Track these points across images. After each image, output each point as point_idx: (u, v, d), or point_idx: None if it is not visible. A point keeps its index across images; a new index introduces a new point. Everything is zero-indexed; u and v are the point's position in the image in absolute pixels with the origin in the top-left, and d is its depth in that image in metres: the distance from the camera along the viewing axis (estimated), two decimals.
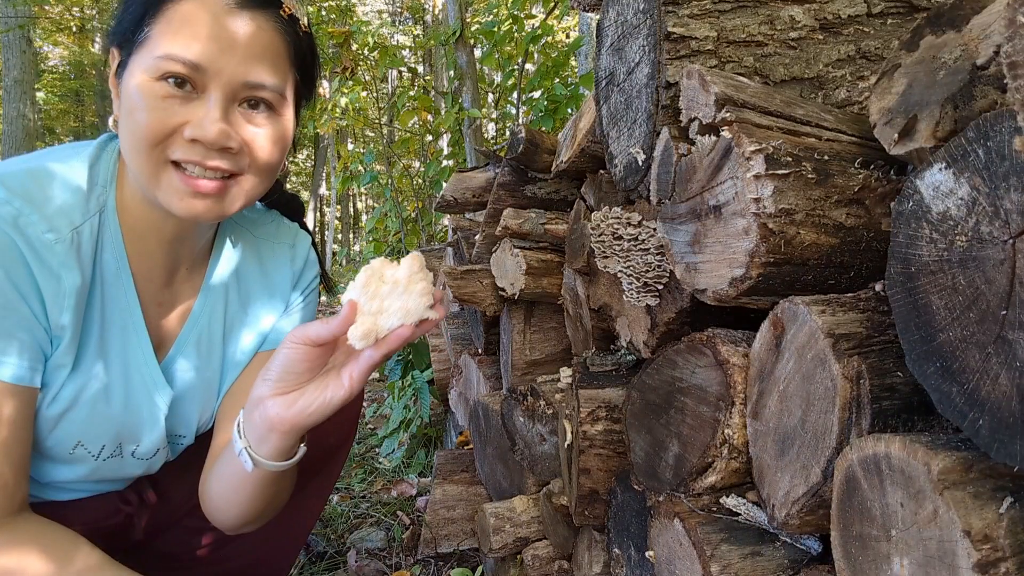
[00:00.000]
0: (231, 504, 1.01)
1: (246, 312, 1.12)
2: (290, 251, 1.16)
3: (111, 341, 0.98)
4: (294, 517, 1.34)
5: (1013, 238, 0.50)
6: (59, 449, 0.99)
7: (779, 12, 0.97)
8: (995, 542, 0.49)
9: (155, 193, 0.89)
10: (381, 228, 4.21)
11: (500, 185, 1.69)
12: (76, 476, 1.06)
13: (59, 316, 0.90)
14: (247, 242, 1.13)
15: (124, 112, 0.88)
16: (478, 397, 1.84)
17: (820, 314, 0.68)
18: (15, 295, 0.86)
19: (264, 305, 1.13)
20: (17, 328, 0.86)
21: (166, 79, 0.85)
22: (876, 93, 0.71)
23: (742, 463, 0.83)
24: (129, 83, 0.87)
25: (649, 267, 1.00)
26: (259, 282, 1.13)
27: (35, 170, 0.91)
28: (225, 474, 0.99)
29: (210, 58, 0.85)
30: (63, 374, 0.94)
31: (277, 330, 1.15)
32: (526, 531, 1.52)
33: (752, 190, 0.72)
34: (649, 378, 0.99)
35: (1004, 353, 0.50)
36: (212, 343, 1.09)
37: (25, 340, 0.88)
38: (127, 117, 0.87)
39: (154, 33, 0.86)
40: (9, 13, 9.58)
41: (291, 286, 1.16)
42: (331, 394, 0.85)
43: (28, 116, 10.02)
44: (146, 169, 0.88)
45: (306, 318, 1.18)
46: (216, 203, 0.90)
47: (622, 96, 1.07)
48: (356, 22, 4.26)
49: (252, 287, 1.13)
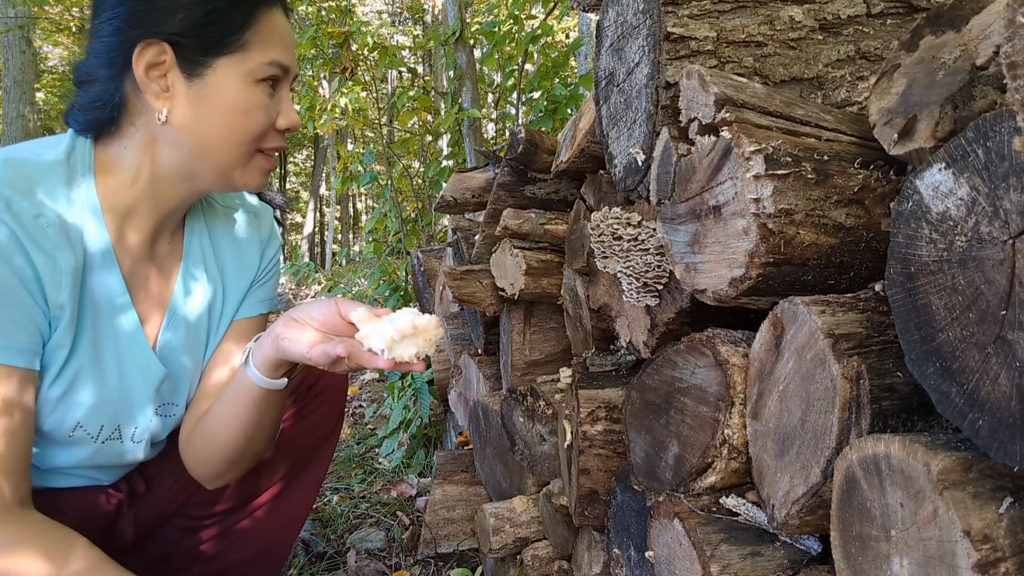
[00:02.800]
0: (219, 441, 1.09)
1: (223, 278, 1.18)
2: (255, 220, 1.23)
3: (102, 322, 1.01)
4: (285, 509, 1.37)
5: (1013, 238, 0.50)
6: (59, 432, 1.01)
7: (779, 12, 0.97)
8: (995, 542, 0.49)
9: (234, 176, 1.01)
10: (381, 228, 4.20)
11: (500, 185, 1.69)
12: (76, 460, 1.07)
13: (57, 296, 0.92)
14: (214, 211, 1.19)
15: (209, 110, 0.95)
16: (478, 397, 1.84)
17: (820, 314, 0.68)
18: (14, 279, 0.88)
19: (238, 273, 1.20)
20: (17, 313, 0.89)
21: (267, 81, 0.98)
22: (876, 93, 0.71)
23: (742, 463, 0.83)
24: (220, 83, 0.95)
25: (649, 267, 1.00)
26: (231, 249, 1.19)
27: (13, 160, 0.92)
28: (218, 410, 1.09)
29: (291, 60, 1.01)
30: (62, 355, 0.96)
31: (249, 298, 1.21)
32: (526, 531, 1.52)
33: (752, 190, 0.72)
34: (649, 378, 0.99)
35: (1004, 353, 0.50)
36: (197, 312, 1.14)
37: (24, 324, 0.90)
38: (219, 114, 0.95)
39: (251, 40, 0.96)
40: (9, 13, 9.58)
41: (259, 253, 1.22)
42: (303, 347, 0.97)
43: (28, 116, 10.01)
44: (235, 158, 0.99)
45: (271, 288, 1.27)
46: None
47: (622, 96, 1.07)
48: (356, 22, 4.26)
49: (226, 254, 1.18)
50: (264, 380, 1.03)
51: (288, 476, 1.35)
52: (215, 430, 1.10)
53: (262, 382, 1.03)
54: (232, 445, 1.10)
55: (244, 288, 1.20)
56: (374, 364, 0.94)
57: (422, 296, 2.85)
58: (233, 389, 1.07)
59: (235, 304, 1.19)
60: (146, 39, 0.91)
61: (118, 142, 0.99)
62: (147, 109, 0.96)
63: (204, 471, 1.15)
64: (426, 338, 0.97)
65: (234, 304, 1.19)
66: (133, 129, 0.98)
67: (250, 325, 1.21)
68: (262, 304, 1.23)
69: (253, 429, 1.09)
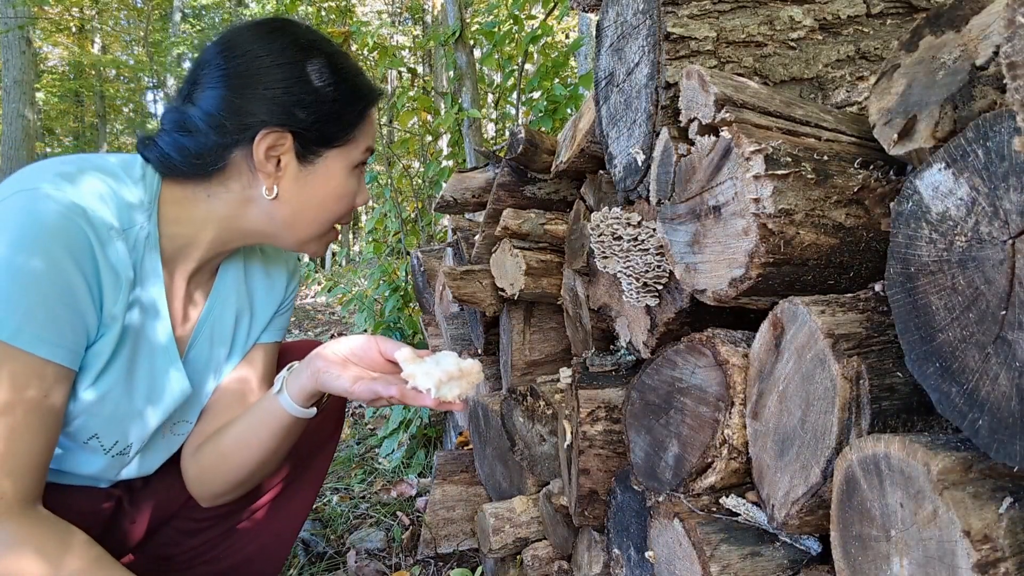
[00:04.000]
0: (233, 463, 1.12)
1: (252, 305, 1.22)
2: (284, 253, 1.29)
3: (141, 338, 1.04)
4: (286, 510, 1.37)
5: (1012, 238, 0.50)
6: (75, 437, 1.03)
7: (779, 12, 0.97)
8: (995, 542, 0.49)
9: (308, 245, 1.12)
10: (381, 228, 4.20)
11: (500, 185, 1.69)
12: (83, 468, 1.08)
13: (113, 307, 0.96)
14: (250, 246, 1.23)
15: (312, 192, 1.05)
16: (478, 397, 1.84)
17: (820, 314, 0.68)
18: (81, 284, 0.91)
19: (265, 301, 1.25)
20: (74, 316, 0.91)
21: (361, 166, 1.10)
22: (875, 93, 0.71)
23: (742, 463, 0.83)
24: (328, 170, 1.05)
25: (649, 267, 1.00)
26: (262, 276, 1.24)
27: (94, 171, 0.97)
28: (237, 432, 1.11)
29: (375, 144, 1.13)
30: (101, 362, 0.98)
31: (272, 324, 1.26)
32: (526, 531, 1.52)
33: (751, 190, 0.72)
34: (649, 378, 0.99)
35: (1003, 353, 0.50)
36: (224, 332, 1.18)
37: (77, 327, 0.92)
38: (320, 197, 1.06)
39: (359, 133, 1.07)
40: (9, 13, 9.58)
41: (286, 284, 1.28)
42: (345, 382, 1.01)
43: (27, 116, 10.02)
44: (318, 232, 1.10)
45: (288, 319, 1.33)
46: None
47: (621, 96, 1.07)
48: (356, 23, 4.26)
49: (256, 284, 1.24)
50: (296, 409, 1.07)
51: (289, 477, 1.36)
52: (230, 451, 1.11)
53: (294, 411, 1.07)
54: (245, 467, 1.12)
55: (271, 314, 1.25)
56: (420, 402, 0.98)
57: (422, 296, 2.85)
58: (258, 414, 1.10)
59: (261, 327, 1.24)
60: (272, 126, 0.99)
61: (200, 190, 1.03)
62: (252, 180, 1.03)
63: (207, 490, 1.16)
64: (469, 381, 1.01)
65: (260, 327, 1.24)
66: (224, 189, 1.03)
67: (268, 350, 1.26)
68: (279, 332, 1.28)
69: (271, 454, 1.12)
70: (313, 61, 1.02)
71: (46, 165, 0.95)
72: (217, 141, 0.99)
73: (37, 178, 0.91)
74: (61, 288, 0.89)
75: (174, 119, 1.01)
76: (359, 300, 3.56)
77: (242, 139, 0.99)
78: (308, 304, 9.71)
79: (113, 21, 17.02)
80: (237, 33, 1.03)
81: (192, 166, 1.01)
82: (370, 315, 3.43)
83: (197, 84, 1.01)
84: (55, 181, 0.90)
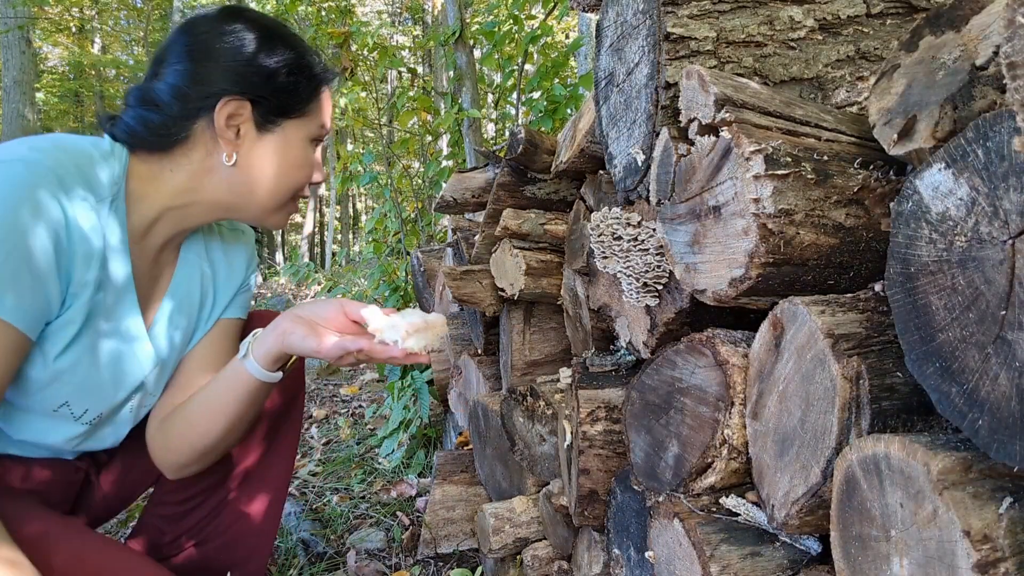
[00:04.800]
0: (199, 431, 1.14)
1: (215, 280, 1.27)
2: (243, 235, 1.36)
3: (108, 308, 1.07)
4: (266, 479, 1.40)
5: (1012, 238, 0.50)
6: (44, 406, 1.06)
7: (779, 12, 0.97)
8: (994, 542, 0.49)
9: (269, 216, 1.15)
10: (380, 228, 4.20)
11: (500, 185, 1.69)
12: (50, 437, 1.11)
13: (84, 275, 0.99)
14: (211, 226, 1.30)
15: (269, 160, 1.10)
16: (478, 397, 1.84)
17: (819, 314, 0.68)
18: (50, 255, 0.93)
19: (227, 277, 1.30)
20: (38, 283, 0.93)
21: (316, 142, 1.16)
22: (875, 93, 0.71)
23: (742, 463, 0.83)
24: (285, 140, 1.11)
25: (649, 267, 1.00)
26: (222, 255, 1.30)
27: (66, 147, 1.00)
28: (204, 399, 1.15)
29: (330, 125, 1.19)
30: (72, 330, 1.01)
31: (235, 302, 1.31)
32: (526, 531, 1.52)
33: (751, 190, 0.72)
34: (648, 378, 0.99)
35: (1003, 353, 0.50)
36: (189, 307, 1.22)
37: (40, 294, 0.94)
38: (278, 165, 1.11)
39: (314, 108, 1.14)
40: (9, 13, 9.58)
41: (246, 264, 1.34)
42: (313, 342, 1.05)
43: (27, 116, 10.01)
44: (278, 202, 1.14)
45: (250, 296, 1.38)
46: None
47: (621, 96, 1.07)
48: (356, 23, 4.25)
49: (217, 260, 1.29)
50: (262, 373, 1.10)
51: (262, 446, 1.38)
52: (196, 419, 1.14)
53: (260, 374, 1.10)
54: (212, 434, 1.14)
55: (232, 292, 1.30)
56: (388, 354, 1.04)
57: (422, 296, 2.85)
58: (224, 381, 1.13)
59: (224, 304, 1.28)
60: (232, 95, 1.04)
61: (164, 162, 1.07)
62: (212, 149, 1.07)
63: (172, 459, 1.18)
64: (435, 333, 1.06)
65: (223, 304, 1.28)
66: (186, 160, 1.07)
67: (232, 324, 1.30)
68: (242, 309, 1.33)
69: (237, 420, 1.15)
70: (270, 39, 1.09)
71: (20, 140, 0.98)
72: (180, 111, 1.04)
73: (11, 151, 0.94)
74: (27, 254, 0.91)
75: (138, 95, 1.07)
76: (359, 300, 3.55)
77: (204, 107, 1.04)
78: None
79: (113, 21, 17.03)
80: (200, 17, 1.11)
81: (157, 136, 1.05)
82: None
83: (162, 62, 1.07)
84: (29, 154, 0.94)
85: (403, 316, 1.05)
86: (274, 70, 1.08)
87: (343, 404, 3.80)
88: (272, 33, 1.10)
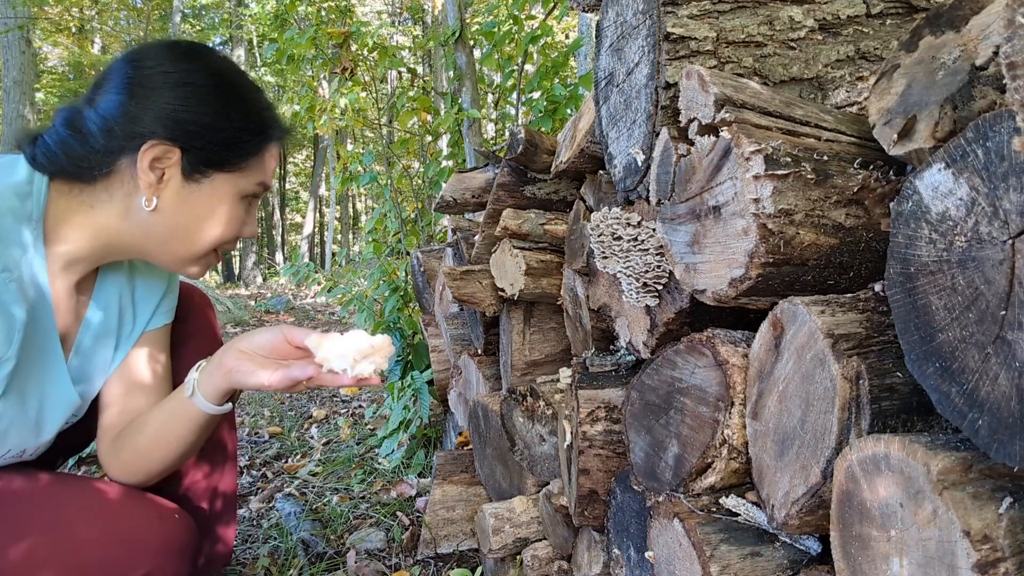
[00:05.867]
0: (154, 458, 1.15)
1: (133, 296, 1.23)
2: None
3: (34, 359, 1.05)
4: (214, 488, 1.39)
5: (1012, 238, 0.50)
6: None
7: (778, 12, 0.97)
8: (994, 542, 0.49)
9: (185, 267, 1.11)
10: (380, 229, 4.20)
11: (499, 185, 1.69)
12: None
13: (7, 350, 0.97)
14: None
15: (192, 210, 1.05)
16: (478, 397, 1.84)
17: (819, 314, 0.68)
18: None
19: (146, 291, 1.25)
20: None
21: (249, 199, 1.11)
22: (875, 93, 0.71)
23: (742, 463, 0.83)
24: (213, 192, 1.05)
25: (648, 267, 1.00)
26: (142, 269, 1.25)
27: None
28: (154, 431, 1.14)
29: (272, 181, 1.16)
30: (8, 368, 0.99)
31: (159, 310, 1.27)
32: (525, 531, 1.52)
33: (751, 190, 0.72)
34: (648, 378, 0.99)
35: (1003, 353, 0.50)
36: (108, 328, 1.18)
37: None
38: (201, 218, 1.06)
39: (253, 164, 1.09)
40: (9, 13, 9.58)
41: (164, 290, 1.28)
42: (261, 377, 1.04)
43: (27, 117, 10.01)
44: (196, 254, 1.09)
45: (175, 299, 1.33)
46: None
47: (621, 97, 1.07)
48: (356, 23, 4.25)
49: (137, 275, 1.24)
50: (212, 408, 1.10)
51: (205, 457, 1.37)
52: (149, 448, 1.14)
53: (210, 409, 1.10)
54: (167, 461, 1.16)
55: (154, 304, 1.26)
56: (338, 383, 1.03)
57: (422, 296, 2.85)
58: (173, 415, 1.13)
59: (146, 318, 1.25)
60: (160, 139, 0.99)
61: (84, 196, 1.02)
62: (133, 190, 1.02)
63: (131, 480, 1.18)
64: (382, 355, 1.05)
65: (145, 318, 1.25)
66: (107, 196, 1.02)
67: (160, 333, 1.27)
68: (167, 315, 1.29)
69: (190, 446, 1.16)
70: (218, 88, 1.04)
71: None
72: (104, 145, 0.99)
73: None
74: None
75: (66, 117, 1.02)
76: (359, 300, 3.55)
77: (128, 147, 0.99)
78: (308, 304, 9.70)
79: (113, 21, 17.02)
80: (151, 48, 1.05)
81: (77, 167, 1.00)
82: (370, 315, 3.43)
83: (100, 88, 1.02)
84: None
85: (348, 340, 1.03)
86: (212, 122, 1.02)
87: (343, 404, 3.80)
88: (223, 80, 1.05)
